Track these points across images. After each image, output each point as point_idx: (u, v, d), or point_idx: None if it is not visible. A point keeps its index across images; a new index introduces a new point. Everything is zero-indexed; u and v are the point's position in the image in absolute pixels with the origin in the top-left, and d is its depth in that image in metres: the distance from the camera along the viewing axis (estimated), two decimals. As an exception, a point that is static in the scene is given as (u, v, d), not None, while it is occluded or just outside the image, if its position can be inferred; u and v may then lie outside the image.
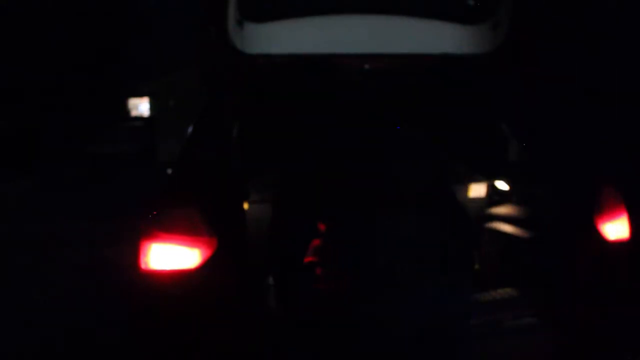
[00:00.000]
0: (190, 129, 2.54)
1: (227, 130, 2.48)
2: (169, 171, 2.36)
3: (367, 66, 2.75)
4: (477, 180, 2.96)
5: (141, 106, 7.86)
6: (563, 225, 2.33)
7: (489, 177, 2.94)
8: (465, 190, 2.97)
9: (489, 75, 2.82)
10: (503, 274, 2.56)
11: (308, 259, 1.71)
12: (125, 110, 7.87)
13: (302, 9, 2.73)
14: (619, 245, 2.29)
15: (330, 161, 1.71)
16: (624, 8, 5.77)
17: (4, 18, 9.86)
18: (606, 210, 2.28)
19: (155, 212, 2.05)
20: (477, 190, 2.98)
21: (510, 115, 2.76)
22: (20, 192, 7.10)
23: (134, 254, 2.03)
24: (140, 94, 7.92)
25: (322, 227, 1.68)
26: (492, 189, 2.98)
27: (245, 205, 2.45)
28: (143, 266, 2.01)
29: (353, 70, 2.74)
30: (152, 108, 7.87)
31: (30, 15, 10.35)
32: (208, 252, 1.99)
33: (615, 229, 2.28)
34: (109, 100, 9.46)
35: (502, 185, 2.89)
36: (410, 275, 1.57)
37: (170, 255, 1.99)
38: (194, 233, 2.00)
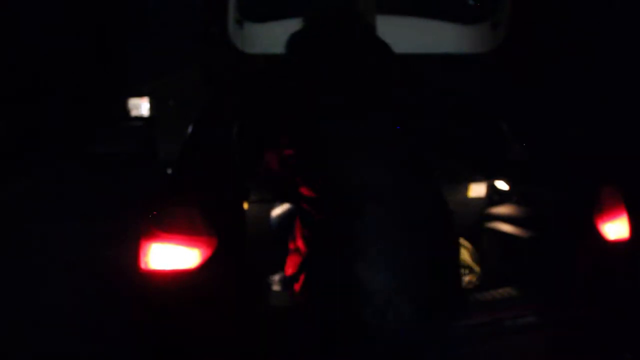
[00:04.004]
0: (190, 129, 2.54)
1: (227, 130, 2.48)
2: (169, 171, 2.36)
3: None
4: (477, 180, 2.96)
5: (141, 106, 7.86)
6: (563, 225, 2.33)
7: (489, 177, 2.94)
8: (465, 190, 2.97)
9: (489, 75, 2.82)
10: (503, 274, 2.56)
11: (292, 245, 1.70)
12: (125, 110, 7.87)
13: (302, 8, 2.73)
14: (619, 245, 2.29)
15: (332, 160, 1.68)
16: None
17: (4, 18, 9.86)
18: (606, 210, 2.28)
19: (155, 212, 2.05)
20: (477, 190, 2.98)
21: (510, 114, 2.77)
22: (20, 192, 7.10)
23: (134, 254, 2.03)
24: (140, 94, 7.92)
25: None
26: (492, 189, 2.98)
27: (245, 205, 2.45)
28: (143, 266, 2.01)
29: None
30: (152, 108, 7.87)
31: (30, 15, 10.35)
32: (208, 252, 1.99)
33: (615, 229, 2.29)
34: (109, 100, 9.46)
35: (502, 185, 2.89)
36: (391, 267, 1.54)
37: (170, 255, 1.99)
38: (194, 233, 2.00)
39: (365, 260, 1.53)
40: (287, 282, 2.58)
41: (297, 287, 1.64)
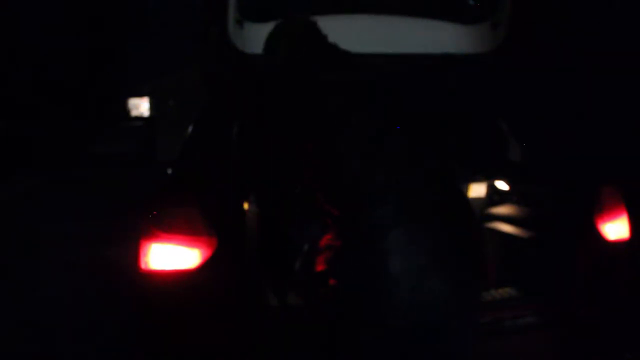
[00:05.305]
0: (190, 129, 2.54)
1: (227, 130, 2.48)
2: (169, 171, 2.36)
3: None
4: (477, 180, 2.96)
5: (141, 106, 7.88)
6: (563, 225, 2.33)
7: (489, 177, 2.94)
8: (465, 190, 2.97)
9: (489, 75, 2.82)
10: (503, 274, 2.56)
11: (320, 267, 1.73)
12: (125, 110, 7.88)
13: (302, 9, 2.73)
14: (619, 245, 2.29)
15: (332, 160, 1.69)
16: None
17: (4, 18, 9.85)
18: (606, 210, 2.28)
19: (155, 212, 2.05)
20: (477, 190, 2.98)
21: (510, 114, 2.77)
22: (20, 192, 7.10)
23: (134, 254, 2.03)
24: (140, 94, 7.93)
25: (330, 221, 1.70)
26: (492, 189, 2.98)
27: (245, 205, 2.45)
28: (143, 266, 2.01)
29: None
30: (152, 108, 7.88)
31: (30, 15, 10.34)
32: (208, 252, 1.99)
33: (615, 229, 2.29)
34: (109, 100, 9.47)
35: (502, 185, 2.89)
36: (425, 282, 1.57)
37: (170, 255, 1.99)
38: (194, 233, 2.00)
39: (396, 241, 1.56)
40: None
41: (332, 281, 1.65)
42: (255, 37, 2.67)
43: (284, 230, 2.42)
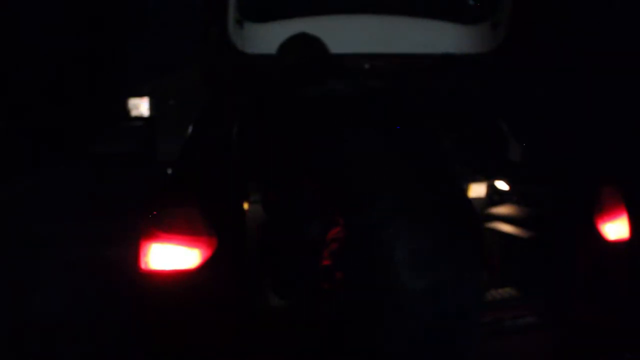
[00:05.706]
0: (190, 129, 2.55)
1: (227, 130, 2.48)
2: (169, 171, 2.36)
3: (367, 66, 2.75)
4: (477, 180, 2.96)
5: (141, 106, 7.87)
6: (563, 225, 2.34)
7: (489, 177, 2.94)
8: (465, 190, 2.98)
9: (489, 75, 2.83)
10: (503, 274, 2.56)
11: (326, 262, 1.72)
12: (125, 110, 7.88)
13: (302, 8, 2.73)
14: (619, 245, 2.29)
15: (333, 162, 1.70)
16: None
17: (4, 18, 9.85)
18: (606, 210, 2.28)
19: (155, 212, 2.05)
20: (477, 190, 2.98)
21: (510, 114, 2.77)
22: (20, 192, 7.10)
23: (134, 254, 2.03)
24: (140, 94, 7.92)
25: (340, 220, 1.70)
26: (492, 189, 2.98)
27: (245, 205, 2.45)
28: (143, 266, 2.01)
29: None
30: (152, 108, 7.87)
31: (30, 15, 10.35)
32: (208, 252, 2.00)
33: (615, 229, 2.29)
34: (109, 100, 9.47)
35: (502, 185, 2.89)
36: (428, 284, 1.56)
37: (170, 255, 1.99)
38: (194, 233, 2.00)
39: (400, 227, 1.56)
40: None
41: (338, 275, 1.66)
42: (255, 37, 2.67)
43: (285, 229, 2.42)
